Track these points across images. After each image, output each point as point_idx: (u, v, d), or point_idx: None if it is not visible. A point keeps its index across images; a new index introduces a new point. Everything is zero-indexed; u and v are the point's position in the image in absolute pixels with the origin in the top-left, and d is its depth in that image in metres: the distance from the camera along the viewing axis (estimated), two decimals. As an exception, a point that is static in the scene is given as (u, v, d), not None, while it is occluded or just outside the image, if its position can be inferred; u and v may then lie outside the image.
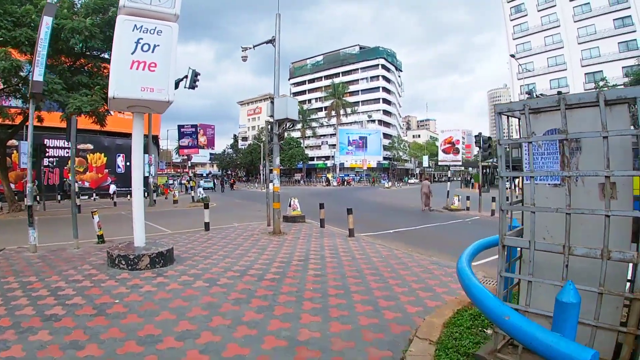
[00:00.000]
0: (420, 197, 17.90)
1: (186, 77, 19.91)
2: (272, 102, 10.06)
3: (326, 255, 7.32)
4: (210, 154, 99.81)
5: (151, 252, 6.29)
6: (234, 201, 25.78)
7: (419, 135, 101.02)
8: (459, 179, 77.17)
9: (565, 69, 40.11)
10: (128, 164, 29.01)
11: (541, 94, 24.79)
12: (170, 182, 33.68)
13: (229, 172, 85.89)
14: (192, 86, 19.39)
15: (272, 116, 10.08)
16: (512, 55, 33.10)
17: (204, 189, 29.26)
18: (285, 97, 9.93)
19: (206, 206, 11.01)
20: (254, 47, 12.12)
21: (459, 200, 17.17)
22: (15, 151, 21.81)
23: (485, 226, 12.90)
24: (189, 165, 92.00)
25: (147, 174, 22.22)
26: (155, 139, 35.86)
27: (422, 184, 18.78)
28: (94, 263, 6.65)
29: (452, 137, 48.72)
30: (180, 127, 41.32)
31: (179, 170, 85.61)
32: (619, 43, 36.23)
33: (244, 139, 66.80)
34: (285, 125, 10.14)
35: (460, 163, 51.29)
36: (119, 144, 28.58)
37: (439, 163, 53.83)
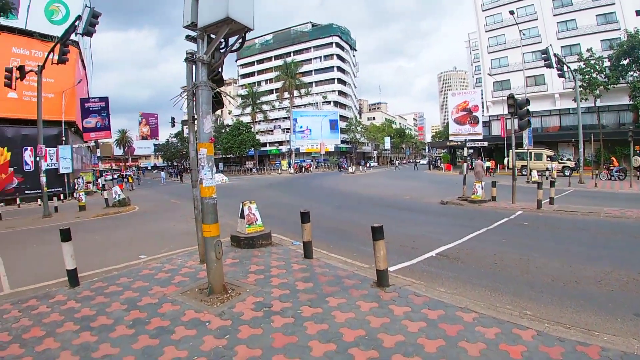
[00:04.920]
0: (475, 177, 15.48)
1: (80, 18, 13.24)
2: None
3: None
4: (154, 144, 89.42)
5: None
6: (167, 201, 18.99)
7: (374, 118, 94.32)
8: (425, 161, 71.85)
9: (540, 42, 37.43)
10: (38, 159, 22.00)
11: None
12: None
13: (174, 164, 77.45)
14: (89, 32, 12.82)
15: (193, 24, 4.41)
16: (522, 32, 28.23)
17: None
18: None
19: (65, 238, 4.99)
20: None
21: (482, 189, 12.56)
22: None
23: (554, 229, 8.28)
24: (121, 157, 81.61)
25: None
26: (75, 126, 27.43)
27: (475, 164, 17.40)
28: None
29: (468, 102, 37.68)
30: (83, 101, 26.88)
31: (120, 164, 76.33)
32: (596, 15, 34.19)
33: (185, 122, 58.23)
34: (227, 42, 4.50)
35: (481, 137, 37.52)
36: (25, 134, 21.63)
37: (450, 137, 41.47)
